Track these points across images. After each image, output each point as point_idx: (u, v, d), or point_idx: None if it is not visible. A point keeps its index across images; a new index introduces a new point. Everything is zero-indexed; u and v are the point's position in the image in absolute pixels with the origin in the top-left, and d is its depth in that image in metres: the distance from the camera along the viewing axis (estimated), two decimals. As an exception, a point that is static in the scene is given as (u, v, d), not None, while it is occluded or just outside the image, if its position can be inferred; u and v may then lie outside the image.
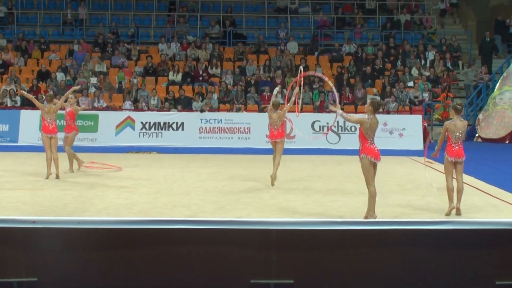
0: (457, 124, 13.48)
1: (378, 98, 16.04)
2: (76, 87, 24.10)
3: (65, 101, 19.26)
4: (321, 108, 28.99)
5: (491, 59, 32.89)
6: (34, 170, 19.33)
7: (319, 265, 7.06)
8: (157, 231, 7.05)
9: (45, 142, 18.12)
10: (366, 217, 12.47)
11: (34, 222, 7.00)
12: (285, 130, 18.55)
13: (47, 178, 17.64)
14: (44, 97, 19.89)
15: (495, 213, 13.73)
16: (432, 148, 14.92)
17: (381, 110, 28.87)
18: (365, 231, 7.19)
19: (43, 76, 31.40)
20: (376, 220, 8.31)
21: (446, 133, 13.59)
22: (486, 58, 32.70)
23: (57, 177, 17.74)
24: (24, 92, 22.82)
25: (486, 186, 16.91)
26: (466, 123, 14.26)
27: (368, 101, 13.22)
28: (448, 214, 13.22)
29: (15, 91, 29.52)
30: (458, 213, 13.26)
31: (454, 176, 13.58)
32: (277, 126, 17.68)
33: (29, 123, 27.11)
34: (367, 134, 12.72)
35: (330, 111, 22.45)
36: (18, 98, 29.34)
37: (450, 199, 13.40)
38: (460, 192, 13.39)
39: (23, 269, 6.92)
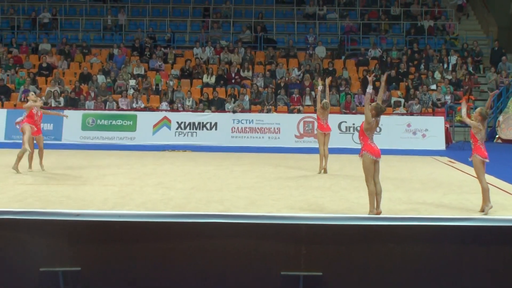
0: (482, 128, 13.22)
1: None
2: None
3: None
4: (347, 109, 28.97)
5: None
6: (76, 166, 19.45)
7: (347, 258, 7.06)
8: (193, 225, 7.08)
9: None
10: (368, 214, 12.48)
11: (77, 215, 7.06)
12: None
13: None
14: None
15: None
16: (455, 148, 14.81)
17: (404, 111, 28.93)
18: (391, 227, 7.18)
19: (85, 78, 31.56)
20: (401, 216, 8.27)
21: (473, 134, 13.28)
22: (496, 66, 32.55)
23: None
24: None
25: (507, 185, 16.78)
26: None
27: (373, 104, 13.06)
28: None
29: (59, 92, 29.69)
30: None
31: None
32: (326, 120, 18.64)
33: (72, 123, 27.26)
34: (367, 132, 12.57)
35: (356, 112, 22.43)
36: (61, 99, 29.51)
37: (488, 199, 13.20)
38: (486, 192, 13.26)
39: (67, 259, 6.98)
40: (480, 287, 7.24)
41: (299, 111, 28.74)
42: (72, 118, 27.20)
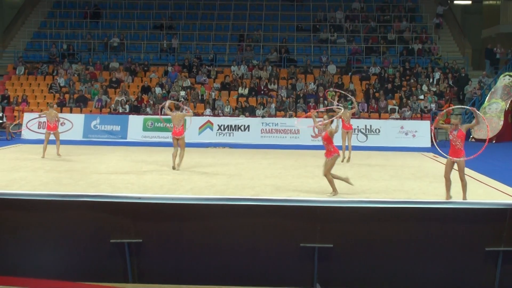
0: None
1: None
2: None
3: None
4: (352, 115, 28.85)
5: (463, 88, 32.36)
6: (138, 159, 19.55)
7: (353, 233, 7.05)
8: (230, 206, 7.10)
9: None
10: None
11: (139, 198, 7.10)
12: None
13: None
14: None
15: (484, 196, 13.58)
16: (438, 146, 14.67)
17: (398, 116, 28.78)
18: (388, 208, 7.17)
19: (145, 90, 31.69)
20: (396, 200, 8.27)
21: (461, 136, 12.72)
22: (460, 89, 32.17)
23: None
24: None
25: (478, 175, 16.67)
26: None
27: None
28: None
29: (125, 101, 29.83)
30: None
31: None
32: (349, 120, 19.44)
33: (135, 124, 27.48)
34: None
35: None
36: (127, 106, 29.64)
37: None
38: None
39: (132, 233, 7.02)
40: (457, 256, 7.22)
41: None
42: (135, 121, 27.46)
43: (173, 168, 16.87)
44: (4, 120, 27.65)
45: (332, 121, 12.96)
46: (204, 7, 39.55)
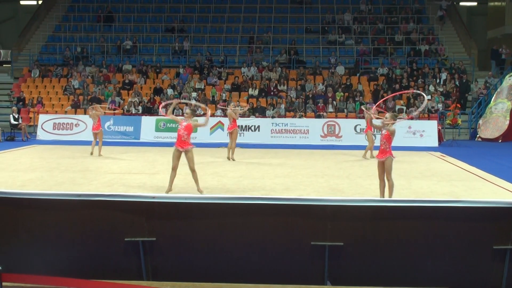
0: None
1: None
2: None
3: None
4: (361, 114, 28.84)
5: (465, 97, 32.09)
6: (151, 159, 19.58)
7: (362, 232, 7.03)
8: (241, 205, 7.09)
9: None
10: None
11: (153, 197, 7.10)
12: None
13: None
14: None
15: (491, 194, 13.49)
16: (445, 145, 14.59)
17: (406, 116, 28.71)
18: (396, 207, 7.15)
19: (158, 91, 31.75)
20: (404, 199, 8.20)
21: (388, 137, 11.92)
22: (462, 95, 31.89)
23: None
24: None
25: (486, 174, 16.59)
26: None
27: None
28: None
29: (138, 102, 29.88)
30: None
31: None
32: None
33: (148, 125, 27.52)
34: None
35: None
36: (140, 107, 29.71)
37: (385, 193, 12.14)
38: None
39: (146, 231, 7.02)
40: (465, 254, 7.19)
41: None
42: (148, 122, 27.51)
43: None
44: (20, 121, 27.75)
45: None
46: (215, 10, 39.63)
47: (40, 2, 43.74)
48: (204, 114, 19.29)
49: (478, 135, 29.26)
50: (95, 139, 20.36)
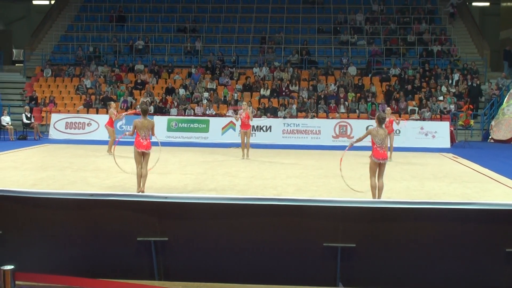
0: (379, 131, 12.08)
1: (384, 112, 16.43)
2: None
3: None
4: (373, 115, 28.78)
5: (478, 100, 31.85)
6: (163, 159, 19.60)
7: (375, 233, 7.00)
8: (253, 206, 7.08)
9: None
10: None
11: (165, 197, 7.10)
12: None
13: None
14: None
15: (503, 196, 13.43)
16: (457, 146, 14.53)
17: (418, 117, 28.64)
18: (408, 209, 7.12)
19: (169, 91, 31.82)
20: (416, 200, 8.15)
21: (371, 138, 12.15)
22: (474, 99, 31.61)
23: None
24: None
25: (497, 176, 16.52)
26: (386, 131, 12.42)
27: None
28: None
29: (150, 102, 29.95)
30: None
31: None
32: (391, 125, 19.25)
33: (159, 125, 27.49)
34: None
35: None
36: (151, 107, 29.77)
37: (373, 195, 12.04)
38: (380, 190, 12.09)
39: (158, 231, 7.02)
40: (478, 256, 7.16)
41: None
42: (160, 122, 27.55)
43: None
44: (32, 120, 27.87)
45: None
46: (227, 10, 39.67)
47: (52, 2, 43.95)
48: None
49: (490, 137, 29.16)
50: (112, 137, 20.65)
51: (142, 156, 13.15)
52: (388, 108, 21.84)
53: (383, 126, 12.26)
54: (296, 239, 7.04)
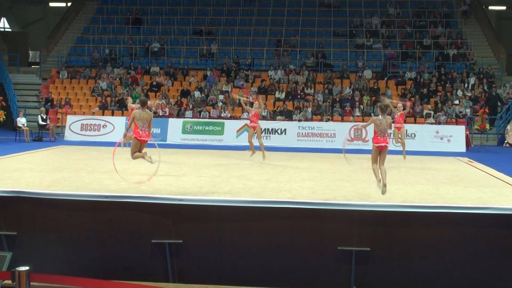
0: (382, 121, 12.43)
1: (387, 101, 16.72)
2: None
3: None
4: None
5: (496, 108, 31.53)
6: (178, 161, 19.63)
7: (389, 237, 6.98)
8: (268, 209, 7.08)
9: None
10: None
11: (181, 200, 7.12)
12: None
13: None
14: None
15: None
16: (473, 150, 14.43)
17: (433, 121, 28.51)
18: (423, 213, 7.09)
19: (185, 93, 31.88)
20: (431, 205, 8.12)
21: (374, 127, 12.52)
22: (492, 108, 31.30)
23: None
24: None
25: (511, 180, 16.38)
26: (390, 120, 12.81)
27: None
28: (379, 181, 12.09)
29: (165, 104, 30.03)
30: (384, 185, 11.93)
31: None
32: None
33: (175, 127, 27.60)
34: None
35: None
36: (167, 110, 29.83)
37: (376, 175, 12.34)
38: (384, 173, 12.32)
39: (172, 233, 7.04)
40: (492, 260, 7.12)
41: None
42: (175, 124, 27.62)
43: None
44: (48, 122, 28.01)
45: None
46: (243, 13, 39.69)
47: (69, 4, 44.18)
48: None
49: (506, 141, 28.98)
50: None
51: (139, 146, 13.72)
52: (400, 105, 21.62)
53: (386, 115, 12.54)
54: (310, 243, 7.04)
